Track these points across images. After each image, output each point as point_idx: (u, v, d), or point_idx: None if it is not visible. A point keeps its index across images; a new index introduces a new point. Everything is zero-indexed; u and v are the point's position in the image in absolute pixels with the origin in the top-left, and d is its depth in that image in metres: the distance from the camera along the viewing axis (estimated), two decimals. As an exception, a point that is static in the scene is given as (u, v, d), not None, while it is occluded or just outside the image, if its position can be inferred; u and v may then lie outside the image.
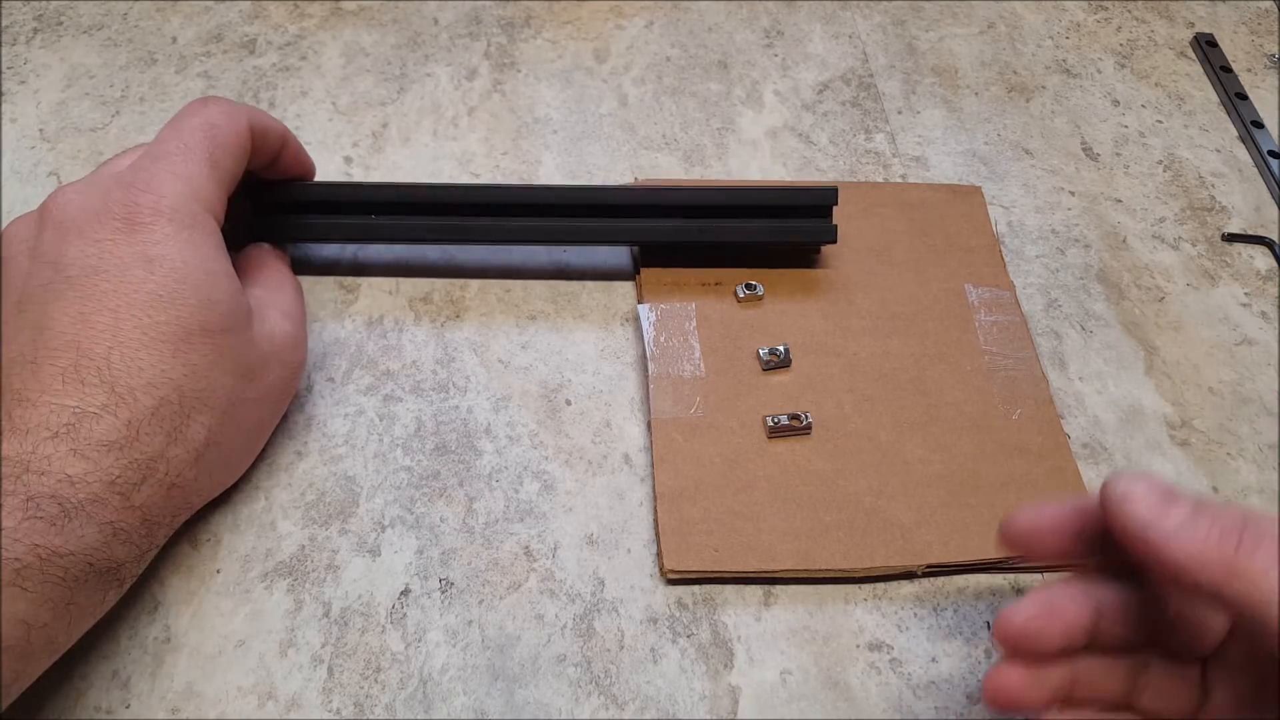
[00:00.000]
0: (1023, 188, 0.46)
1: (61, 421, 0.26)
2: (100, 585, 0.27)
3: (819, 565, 0.33)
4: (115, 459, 0.27)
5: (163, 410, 0.28)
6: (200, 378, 0.29)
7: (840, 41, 0.52)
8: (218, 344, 0.29)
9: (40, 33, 0.49)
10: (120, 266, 0.29)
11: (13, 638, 0.24)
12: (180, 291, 0.29)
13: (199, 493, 0.31)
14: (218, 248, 0.31)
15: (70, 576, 0.26)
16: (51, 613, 0.25)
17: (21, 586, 0.24)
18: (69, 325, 0.28)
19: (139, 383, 0.28)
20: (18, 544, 0.24)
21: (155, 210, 0.30)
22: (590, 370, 0.38)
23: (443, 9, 0.52)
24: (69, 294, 0.28)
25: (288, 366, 0.33)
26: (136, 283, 0.28)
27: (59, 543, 0.25)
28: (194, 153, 0.31)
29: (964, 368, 0.38)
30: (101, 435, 0.27)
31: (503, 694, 0.30)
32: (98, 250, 0.29)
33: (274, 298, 0.34)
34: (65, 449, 0.26)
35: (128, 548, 0.27)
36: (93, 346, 0.27)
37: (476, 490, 0.35)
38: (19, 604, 0.24)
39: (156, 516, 0.28)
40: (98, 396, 0.27)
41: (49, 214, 0.30)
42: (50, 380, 0.27)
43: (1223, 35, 0.54)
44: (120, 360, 0.27)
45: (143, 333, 0.28)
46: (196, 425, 0.29)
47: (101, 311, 0.28)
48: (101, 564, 0.26)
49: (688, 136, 0.47)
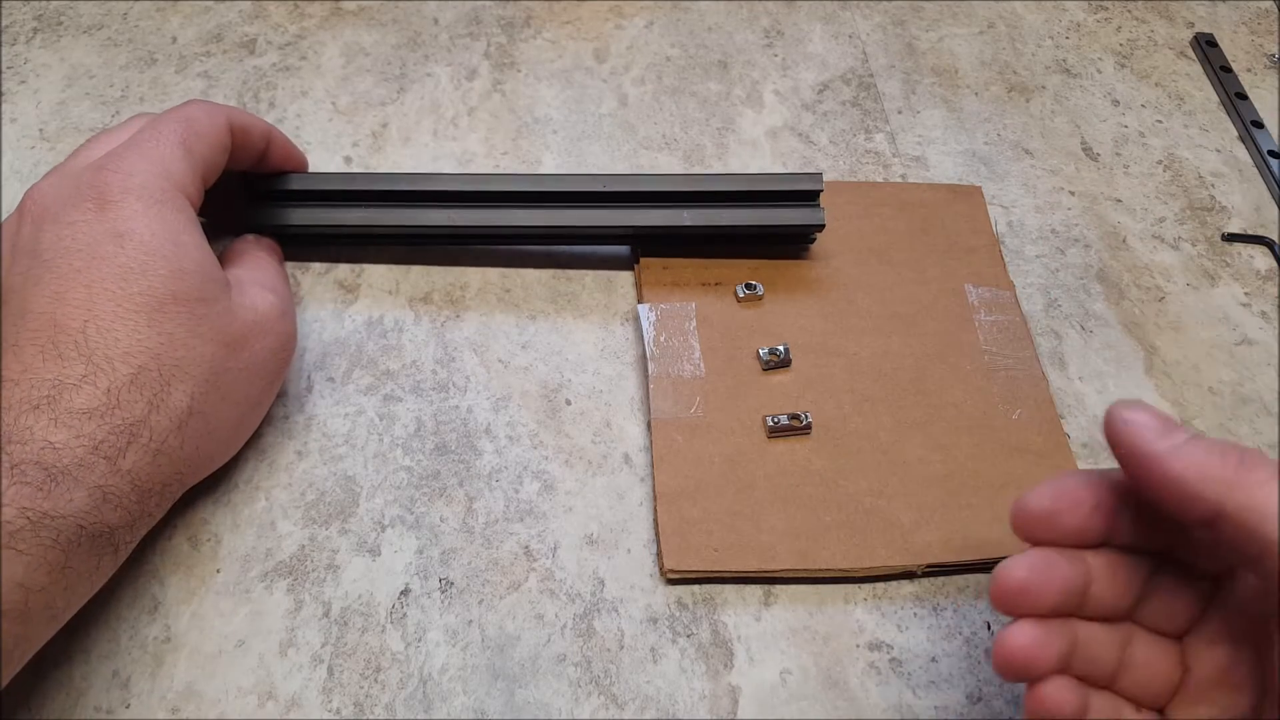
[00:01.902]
0: (1023, 187, 0.46)
1: (41, 394, 0.27)
2: (94, 549, 0.27)
3: (819, 565, 0.33)
4: (97, 425, 0.27)
5: (141, 378, 0.28)
6: (178, 346, 0.29)
7: (840, 41, 0.52)
8: (193, 312, 0.30)
9: (40, 33, 0.49)
10: (91, 243, 0.29)
11: (11, 601, 0.25)
12: (149, 263, 0.30)
13: (188, 462, 0.31)
14: (189, 222, 0.32)
15: (64, 540, 0.26)
16: (48, 575, 0.26)
17: (16, 549, 0.25)
18: (46, 304, 0.28)
19: (116, 352, 0.28)
20: (7, 508, 0.25)
21: (124, 189, 0.30)
22: (590, 370, 0.38)
23: (443, 9, 0.52)
24: (45, 276, 0.29)
25: (275, 336, 0.33)
26: (108, 257, 0.29)
27: (48, 506, 0.26)
28: (166, 138, 0.32)
29: (964, 368, 0.38)
30: (81, 404, 0.27)
31: (503, 694, 0.30)
32: (70, 232, 0.30)
33: (253, 275, 0.35)
34: (45, 419, 0.26)
35: (119, 512, 0.28)
36: (68, 321, 0.28)
37: (476, 490, 0.35)
38: (15, 566, 0.25)
39: (146, 483, 0.29)
40: (75, 368, 0.27)
41: (26, 209, 0.31)
42: (31, 358, 0.27)
43: (1223, 35, 0.54)
44: (96, 332, 0.28)
45: (116, 304, 0.29)
46: (178, 393, 0.29)
47: (76, 288, 0.29)
48: (93, 528, 0.27)
49: (688, 136, 0.47)
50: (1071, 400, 0.38)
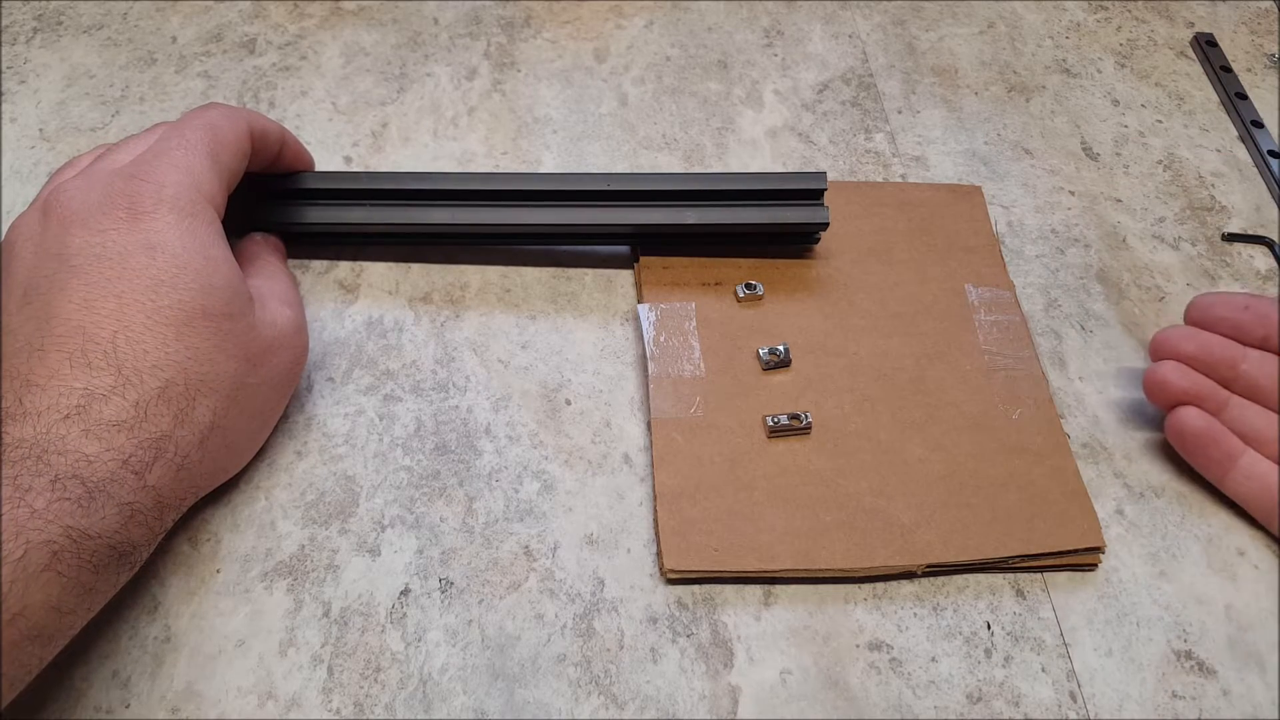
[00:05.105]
0: (1023, 187, 0.46)
1: (71, 404, 0.27)
2: (116, 569, 0.27)
3: (819, 565, 0.33)
4: (126, 438, 0.27)
5: (169, 392, 0.28)
6: (204, 361, 0.29)
7: (840, 41, 0.52)
8: (220, 328, 0.30)
9: (40, 33, 0.49)
10: (123, 254, 0.29)
11: (43, 624, 0.25)
12: (180, 277, 0.29)
13: (205, 475, 0.31)
14: (218, 236, 0.32)
15: (96, 560, 0.26)
16: (77, 598, 0.26)
17: (57, 571, 0.25)
18: (74, 312, 0.28)
19: (145, 365, 0.28)
20: (52, 525, 0.25)
21: (157, 199, 0.30)
22: (590, 370, 0.38)
23: (443, 9, 0.52)
24: (73, 282, 0.29)
25: (291, 351, 0.34)
26: (139, 269, 0.29)
27: (86, 524, 0.25)
28: (195, 148, 0.32)
29: (964, 368, 0.38)
30: (111, 416, 0.27)
31: (503, 694, 0.30)
32: (101, 240, 0.29)
33: (272, 286, 0.35)
34: (77, 430, 0.26)
35: (142, 530, 0.28)
36: (98, 331, 0.28)
37: (476, 490, 0.35)
38: (53, 589, 0.25)
39: (167, 498, 0.29)
40: (105, 378, 0.27)
41: (52, 209, 0.31)
42: (58, 365, 0.27)
43: (1223, 35, 0.54)
44: (126, 343, 0.28)
45: (147, 316, 0.29)
46: (202, 408, 0.29)
47: (106, 297, 0.28)
48: (121, 546, 0.27)
49: (688, 136, 0.47)
50: (1071, 400, 0.38)
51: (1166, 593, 0.33)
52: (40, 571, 0.24)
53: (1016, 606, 0.33)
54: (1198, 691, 0.31)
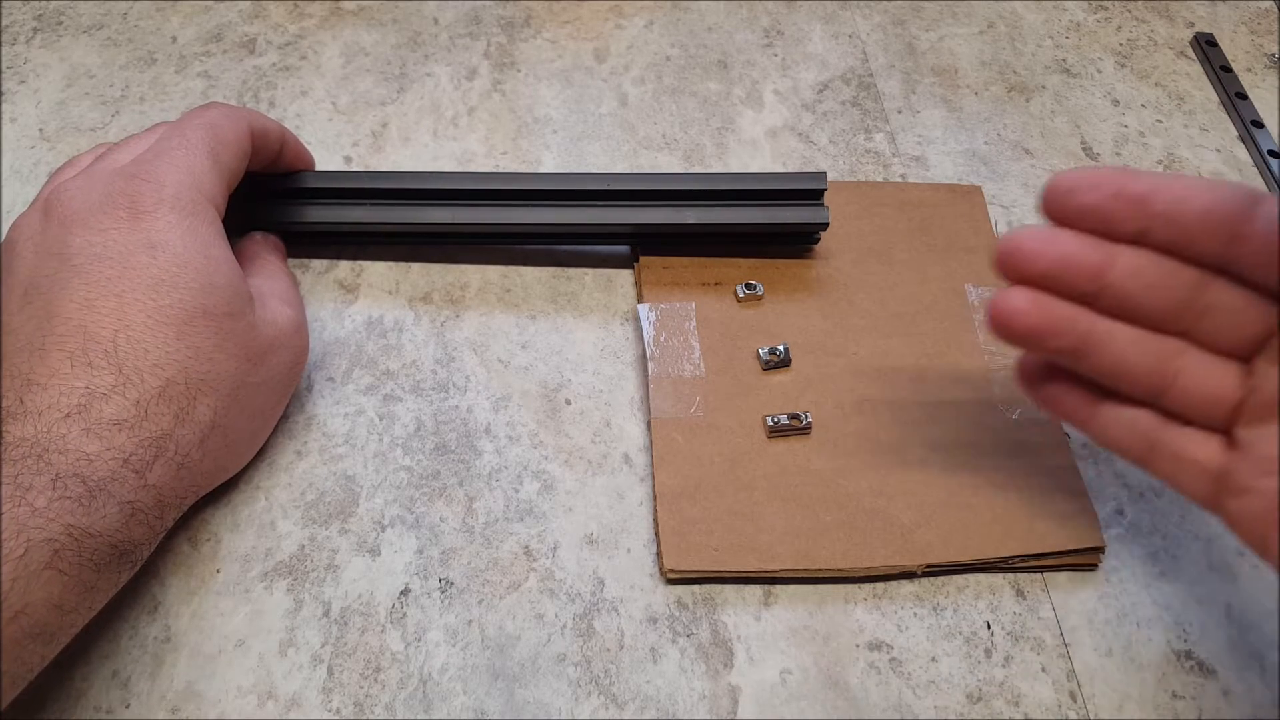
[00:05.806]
0: (1023, 187, 0.46)
1: (72, 403, 0.27)
2: (117, 567, 0.27)
3: (819, 565, 0.33)
4: (127, 437, 0.27)
5: (169, 391, 0.28)
6: (205, 360, 0.29)
7: (840, 41, 0.52)
8: (221, 327, 0.30)
9: (40, 32, 0.49)
10: (124, 253, 0.29)
11: (45, 622, 0.25)
12: (182, 276, 0.29)
13: (205, 474, 0.31)
14: (218, 235, 0.32)
15: (98, 559, 0.26)
16: (79, 596, 0.26)
17: (59, 569, 0.25)
18: (75, 311, 0.28)
19: (145, 364, 0.28)
20: (53, 524, 0.25)
21: (158, 199, 0.30)
22: (590, 370, 0.38)
23: (443, 9, 0.52)
24: (74, 281, 0.29)
25: (291, 350, 0.34)
26: (140, 268, 0.29)
27: (87, 523, 0.25)
28: (196, 148, 0.32)
29: (964, 368, 0.38)
30: (112, 414, 0.27)
31: (503, 694, 0.30)
32: (102, 239, 0.29)
33: (272, 286, 0.35)
34: (78, 428, 0.26)
35: (143, 528, 0.28)
36: (99, 330, 0.28)
37: (476, 490, 0.35)
38: (54, 588, 0.25)
39: (168, 497, 0.29)
40: (106, 377, 0.27)
41: (53, 209, 0.31)
42: (58, 364, 0.27)
43: (1223, 35, 0.54)
44: (126, 342, 0.28)
45: (148, 316, 0.29)
46: (203, 407, 0.29)
47: (107, 296, 0.28)
48: (122, 545, 0.27)
49: (688, 136, 0.47)
50: (1071, 400, 0.38)
51: (1166, 593, 0.33)
52: (41, 569, 0.24)
53: (1016, 606, 0.33)
54: (1198, 691, 0.31)
